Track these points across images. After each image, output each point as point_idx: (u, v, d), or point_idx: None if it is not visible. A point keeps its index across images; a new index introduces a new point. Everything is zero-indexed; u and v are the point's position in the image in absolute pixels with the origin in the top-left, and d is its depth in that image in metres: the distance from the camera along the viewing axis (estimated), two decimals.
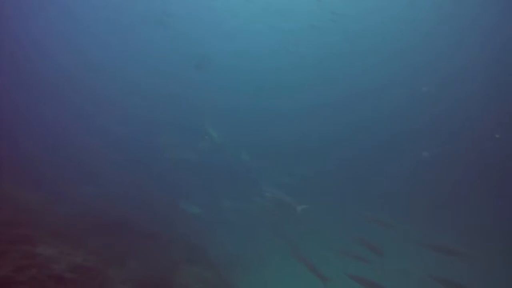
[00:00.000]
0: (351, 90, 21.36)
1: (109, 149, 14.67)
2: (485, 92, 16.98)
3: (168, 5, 20.55)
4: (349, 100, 21.05)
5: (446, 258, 9.38)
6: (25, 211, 8.56)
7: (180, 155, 12.86)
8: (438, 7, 18.75)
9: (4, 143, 13.06)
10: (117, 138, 15.74)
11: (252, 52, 23.72)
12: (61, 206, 9.55)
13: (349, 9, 19.59)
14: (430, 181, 15.17)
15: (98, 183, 11.93)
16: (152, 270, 8.45)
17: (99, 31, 23.04)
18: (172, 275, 8.64)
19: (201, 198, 11.77)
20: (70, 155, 13.64)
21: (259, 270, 10.47)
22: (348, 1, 20.17)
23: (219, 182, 13.68)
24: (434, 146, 15.22)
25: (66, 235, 7.52)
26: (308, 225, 11.12)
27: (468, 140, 15.15)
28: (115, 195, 11.49)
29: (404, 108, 18.99)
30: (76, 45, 22.77)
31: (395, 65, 20.91)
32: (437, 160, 14.74)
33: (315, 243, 11.24)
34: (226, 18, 23.06)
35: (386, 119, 19.10)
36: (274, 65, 22.91)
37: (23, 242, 6.40)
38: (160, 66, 22.16)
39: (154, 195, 12.44)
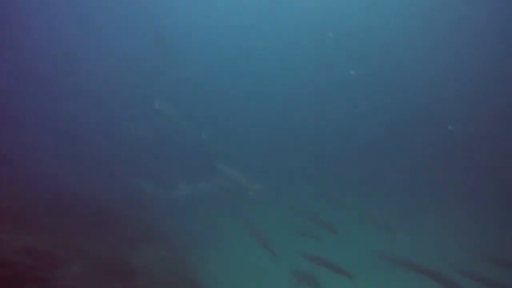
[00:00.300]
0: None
1: (62, 126, 13.55)
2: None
3: None
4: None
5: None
6: None
7: (136, 132, 12.37)
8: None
9: None
10: (70, 115, 14.55)
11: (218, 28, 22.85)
12: (10, 186, 8.85)
13: None
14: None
15: (49, 162, 11.13)
16: (108, 251, 8.29)
17: None
18: (129, 255, 8.55)
19: (159, 177, 11.58)
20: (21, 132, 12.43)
21: (219, 248, 10.71)
22: None
23: (177, 162, 13.45)
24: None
25: (16, 217, 7.06)
26: (264, 204, 11.49)
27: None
28: (67, 175, 10.84)
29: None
30: None
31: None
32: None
33: (271, 222, 11.72)
34: None
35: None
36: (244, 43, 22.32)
37: None
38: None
39: (110, 174, 11.95)
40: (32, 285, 5.89)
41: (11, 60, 16.43)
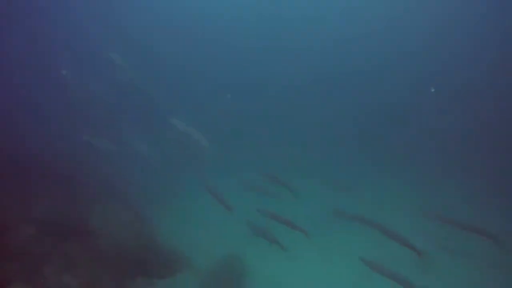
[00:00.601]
0: None
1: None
2: None
3: None
4: None
5: None
6: None
7: (87, 90, 11.64)
8: None
9: None
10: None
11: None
12: None
13: None
14: None
15: None
16: (63, 212, 8.21)
17: None
18: (85, 216, 8.51)
19: (112, 134, 11.24)
20: None
21: (177, 206, 10.87)
22: None
23: (131, 118, 13.04)
24: None
25: None
26: (216, 160, 11.61)
27: None
28: (14, 134, 10.27)
29: None
30: None
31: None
32: None
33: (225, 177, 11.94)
34: None
35: None
36: None
37: None
38: None
39: (61, 133, 11.45)
40: None
41: None
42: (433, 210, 10.21)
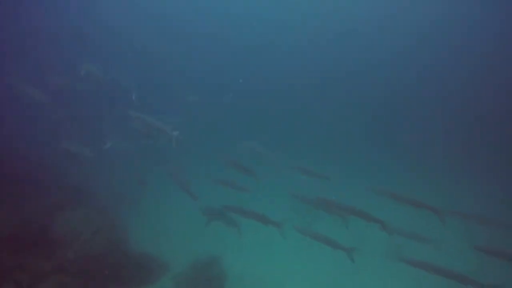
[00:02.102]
0: None
1: None
2: None
3: None
4: None
5: None
6: None
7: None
8: None
9: None
10: None
11: None
12: None
13: None
14: None
15: None
16: (25, 217, 7.62)
17: None
18: (51, 220, 7.96)
19: (77, 135, 10.57)
20: None
21: (150, 206, 10.50)
22: None
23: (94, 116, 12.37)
24: None
25: None
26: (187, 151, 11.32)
27: None
28: None
29: None
30: None
31: None
32: None
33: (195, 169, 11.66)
34: None
35: None
36: None
37: None
38: None
39: (26, 135, 10.64)
40: None
41: None
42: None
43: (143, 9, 19.72)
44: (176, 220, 10.00)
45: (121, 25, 17.28)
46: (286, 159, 10.48)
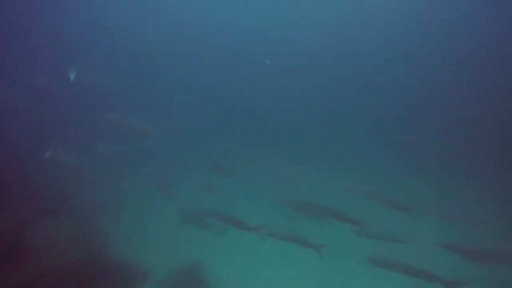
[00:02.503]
0: None
1: None
2: None
3: None
4: None
5: None
6: None
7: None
8: None
9: None
10: None
11: None
12: None
13: None
14: None
15: None
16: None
17: None
18: (26, 229, 7.61)
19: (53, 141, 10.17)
20: None
21: (131, 213, 10.24)
22: None
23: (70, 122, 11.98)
24: None
25: None
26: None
27: None
28: None
29: None
30: None
31: None
32: None
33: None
34: None
35: None
36: None
37: None
38: None
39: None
40: None
41: None
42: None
43: (131, 10, 19.26)
44: (158, 227, 9.82)
45: (110, 26, 16.91)
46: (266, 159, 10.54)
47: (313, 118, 18.81)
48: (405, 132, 17.90)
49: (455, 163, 15.50)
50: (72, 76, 10.02)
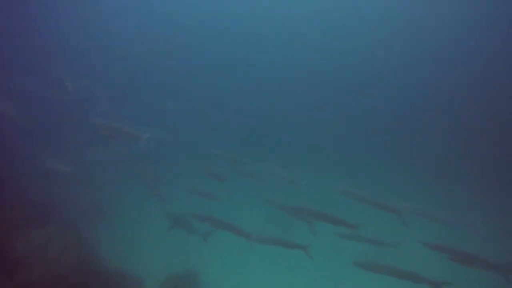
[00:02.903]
0: None
1: None
2: None
3: None
4: None
5: None
6: None
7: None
8: None
9: None
10: None
11: None
12: None
13: None
14: None
15: None
16: None
17: None
18: (13, 238, 7.41)
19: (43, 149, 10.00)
20: None
21: (123, 220, 10.11)
22: None
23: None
24: None
25: None
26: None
27: None
28: None
29: None
30: None
31: None
32: None
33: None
34: None
35: None
36: None
37: None
38: None
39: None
40: None
41: None
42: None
43: (123, 15, 19.19)
44: (150, 234, 9.71)
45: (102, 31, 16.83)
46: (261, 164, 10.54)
47: (309, 120, 18.86)
48: (403, 135, 18.11)
49: (451, 166, 15.78)
50: (65, 81, 9.90)
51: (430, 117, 18.65)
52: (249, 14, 20.51)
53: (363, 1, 19.02)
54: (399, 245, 9.04)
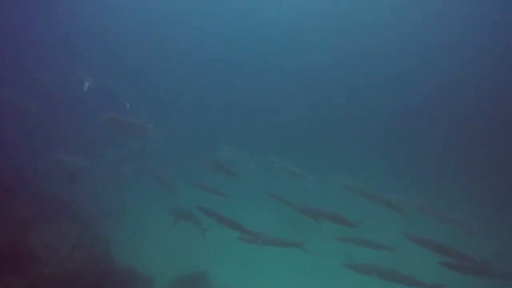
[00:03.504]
0: None
1: None
2: None
3: None
4: None
5: None
6: None
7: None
8: None
9: None
10: None
11: None
12: None
13: None
14: None
15: None
16: None
17: None
18: (26, 235, 7.51)
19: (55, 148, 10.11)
20: None
21: (136, 220, 10.13)
22: None
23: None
24: None
25: None
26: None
27: None
28: None
29: None
30: None
31: None
32: None
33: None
34: None
35: None
36: None
37: None
38: None
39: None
40: None
41: None
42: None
43: (127, 15, 19.30)
44: (161, 233, 9.69)
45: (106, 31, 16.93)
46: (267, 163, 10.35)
47: (315, 118, 18.85)
48: (406, 133, 17.84)
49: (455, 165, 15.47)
50: (79, 77, 9.91)
51: (430, 117, 18.59)
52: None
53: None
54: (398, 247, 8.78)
